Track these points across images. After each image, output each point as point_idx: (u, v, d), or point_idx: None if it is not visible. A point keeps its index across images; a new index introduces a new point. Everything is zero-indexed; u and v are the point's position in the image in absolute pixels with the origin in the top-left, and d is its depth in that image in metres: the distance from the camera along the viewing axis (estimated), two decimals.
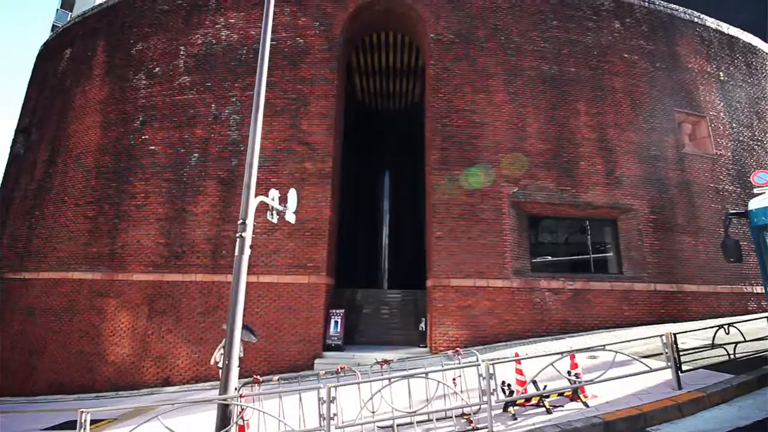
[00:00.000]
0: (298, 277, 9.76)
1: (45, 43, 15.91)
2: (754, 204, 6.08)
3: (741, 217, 6.51)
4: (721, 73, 13.52)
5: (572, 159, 10.99)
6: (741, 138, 13.04)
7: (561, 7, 12.35)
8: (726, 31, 14.31)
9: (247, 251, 5.58)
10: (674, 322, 9.90)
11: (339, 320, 9.59)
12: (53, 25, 32.29)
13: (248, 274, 5.98)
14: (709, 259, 11.02)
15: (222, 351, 5.31)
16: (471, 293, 9.62)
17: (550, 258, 11.08)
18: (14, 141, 14.77)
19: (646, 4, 13.29)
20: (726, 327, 6.62)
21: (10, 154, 14.77)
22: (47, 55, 15.27)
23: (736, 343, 6.36)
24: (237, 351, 5.16)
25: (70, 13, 32.22)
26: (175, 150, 10.99)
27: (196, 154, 10.87)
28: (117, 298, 10.08)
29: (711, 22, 14.09)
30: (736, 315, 10.29)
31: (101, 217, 10.95)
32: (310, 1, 11.84)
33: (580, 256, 11.20)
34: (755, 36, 15.44)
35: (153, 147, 11.18)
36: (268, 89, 6.54)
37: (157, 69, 11.94)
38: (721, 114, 12.93)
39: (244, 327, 5.74)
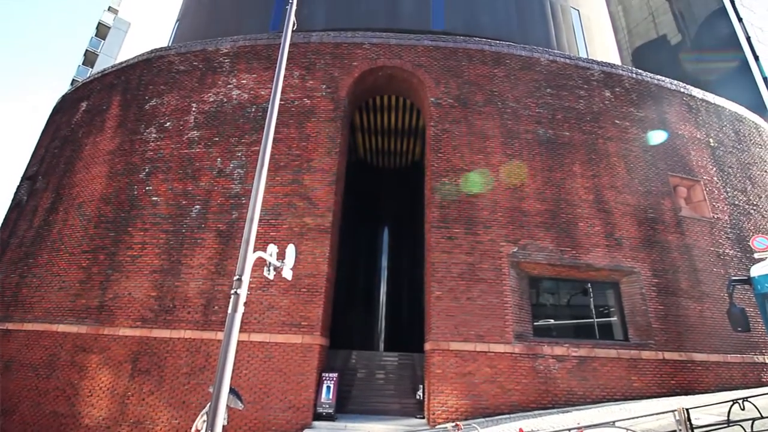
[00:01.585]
0: (291, 336, 9.39)
1: (63, 96, 16.60)
2: (756, 270, 6.00)
3: (744, 283, 6.39)
4: (711, 140, 13.99)
5: (571, 220, 11.04)
6: (737, 202, 13.19)
7: (553, 76, 13.04)
8: (712, 101, 15.01)
9: (241, 309, 5.39)
10: (685, 394, 9.39)
11: (331, 385, 9.06)
12: (73, 80, 34.01)
13: (240, 332, 5.74)
14: (716, 326, 10.70)
15: (205, 417, 4.95)
16: (471, 358, 9.20)
17: (552, 321, 10.76)
18: (18, 187, 14.93)
19: (634, 75, 14.06)
20: (741, 402, 6.24)
21: (12, 200, 14.86)
22: (63, 107, 15.88)
23: (753, 419, 5.96)
24: (222, 418, 4.81)
25: (90, 69, 34.08)
26: (177, 201, 11.06)
27: (197, 206, 10.92)
28: (100, 354, 9.62)
29: (697, 92, 14.82)
30: (749, 387, 9.79)
31: (95, 267, 10.77)
32: (318, 66, 12.52)
33: (583, 320, 10.88)
34: (740, 105, 16.18)
35: (155, 198, 11.27)
36: (274, 145, 6.72)
37: (168, 124, 12.35)
38: (715, 178, 13.19)
39: (231, 391, 5.40)
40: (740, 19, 26.63)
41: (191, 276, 10.10)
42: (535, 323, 10.29)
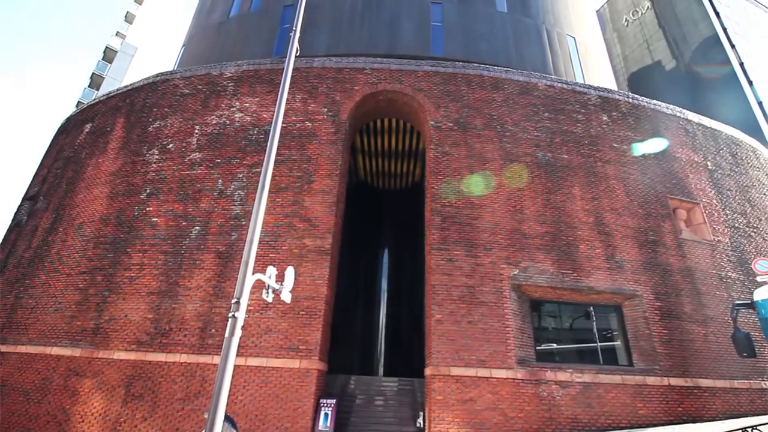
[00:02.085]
0: (288, 361, 9.20)
1: (67, 118, 16.82)
2: (759, 294, 5.96)
3: (748, 307, 6.33)
4: (709, 163, 14.10)
5: (571, 242, 11.00)
6: (737, 225, 13.18)
7: (551, 101, 13.24)
8: (708, 125, 15.20)
9: (238, 333, 5.32)
10: (693, 422, 9.14)
11: (329, 412, 8.83)
12: (78, 102, 34.56)
13: (236, 356, 5.63)
14: (721, 351, 10.51)
15: None
16: (473, 384, 8.99)
17: (555, 346, 10.58)
18: (19, 208, 14.95)
19: (630, 99, 14.28)
20: (750, 430, 6.09)
21: (12, 220, 14.86)
22: (68, 128, 16.07)
23: None
24: None
25: (96, 92, 34.68)
26: (177, 223, 11.05)
27: (197, 227, 10.91)
28: (93, 378, 9.42)
29: (693, 116, 15.03)
30: (757, 414, 9.55)
31: (92, 289, 10.67)
32: (320, 89, 12.74)
33: (586, 344, 10.70)
34: (736, 129, 16.37)
35: (155, 219, 11.26)
36: (275, 167, 6.77)
37: (171, 145, 12.46)
38: (714, 201, 13.22)
39: (226, 418, 5.26)
40: (733, 46, 27.26)
41: (189, 298, 9.99)
42: (538, 347, 10.11)
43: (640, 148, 13.14)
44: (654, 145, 13.33)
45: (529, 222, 11.04)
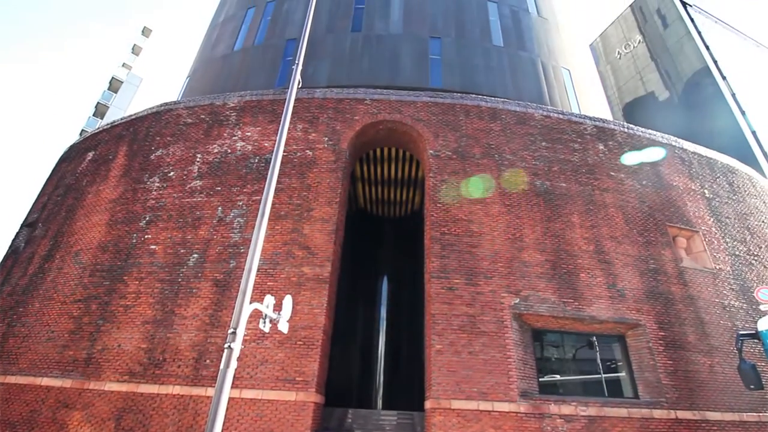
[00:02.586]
0: (284, 393, 8.95)
1: (71, 146, 17.04)
2: (763, 324, 5.88)
3: (753, 338, 6.22)
4: (706, 191, 14.20)
5: (572, 270, 10.93)
6: (737, 253, 13.14)
7: (548, 130, 13.48)
8: (703, 153, 15.40)
9: (234, 364, 5.21)
10: None
11: None
12: (82, 130, 35.14)
13: (231, 387, 5.48)
14: (728, 382, 10.25)
15: None
16: (474, 419, 8.71)
17: (558, 377, 10.33)
18: (17, 234, 14.92)
19: (626, 129, 14.53)
20: None
21: (9, 247, 14.80)
22: (70, 156, 16.25)
23: None
24: None
25: (100, 120, 35.32)
26: (176, 250, 11.01)
27: (195, 255, 10.85)
28: (83, 411, 9.12)
29: (688, 146, 15.25)
30: None
31: (86, 317, 10.50)
32: (321, 119, 12.98)
33: (590, 376, 10.45)
34: (731, 158, 16.58)
35: (154, 246, 11.22)
36: (275, 195, 6.80)
37: (172, 173, 12.57)
38: (713, 229, 13.23)
39: None
40: (724, 77, 27.99)
41: (184, 327, 9.82)
42: (541, 379, 9.87)
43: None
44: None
45: (528, 250, 11.01)
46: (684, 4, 31.48)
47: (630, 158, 13.44)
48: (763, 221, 14.80)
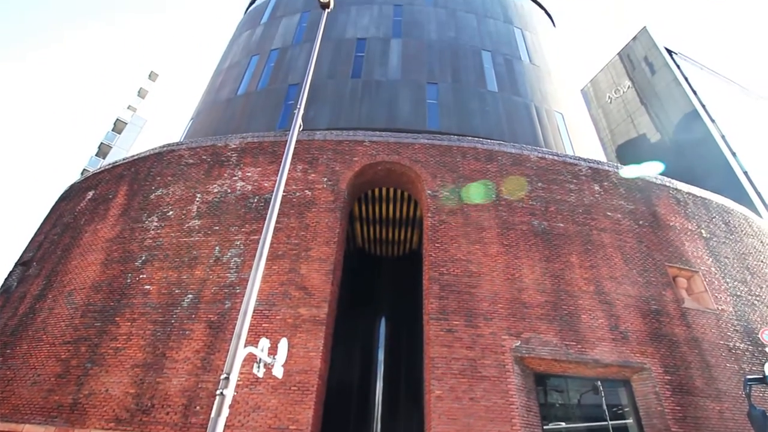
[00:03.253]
0: None
1: (71, 185, 17.21)
2: None
3: (761, 382, 6.04)
4: (703, 231, 14.26)
5: (573, 311, 10.77)
6: (739, 293, 13.01)
7: (543, 171, 13.72)
8: (698, 194, 15.60)
9: (225, 412, 5.00)
10: None
11: None
12: (84, 170, 35.62)
13: None
14: (739, 429, 9.84)
15: None
16: None
17: (563, 424, 9.91)
18: (10, 273, 14.74)
19: (620, 170, 14.81)
20: None
21: (1, 286, 14.57)
22: (70, 195, 16.36)
23: None
24: None
25: (102, 160, 35.88)
26: (170, 290, 10.85)
27: (190, 295, 10.69)
28: None
29: (682, 186, 15.47)
30: None
31: (74, 360, 10.18)
32: (321, 160, 13.23)
33: (596, 422, 10.02)
34: (726, 198, 16.79)
35: (148, 286, 11.07)
36: (273, 234, 6.81)
37: (171, 213, 12.63)
38: (713, 269, 13.17)
39: None
40: (713, 120, 28.88)
41: (174, 371, 9.50)
42: (545, 426, 9.46)
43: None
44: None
45: (528, 290, 10.89)
46: (669, 52, 33.04)
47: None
48: (762, 261, 14.77)
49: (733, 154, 27.33)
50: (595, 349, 10.25)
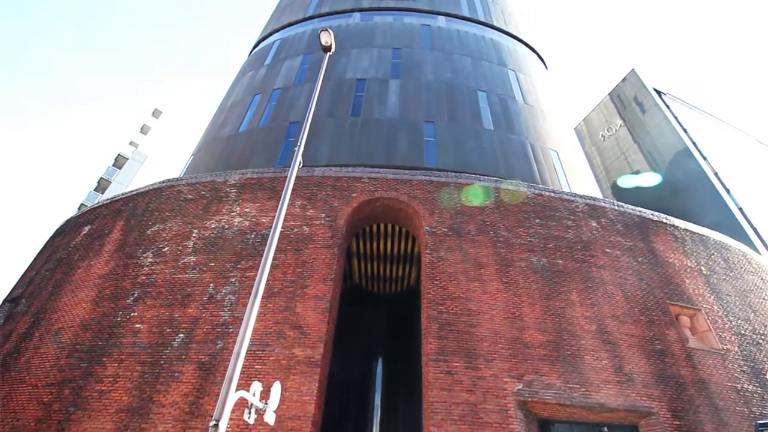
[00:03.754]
0: None
1: (67, 220, 17.11)
2: None
3: None
4: (702, 267, 14.16)
5: (575, 352, 10.46)
6: (743, 332, 12.75)
7: (540, 208, 13.78)
8: (695, 230, 15.61)
9: None
10: None
11: None
12: (81, 204, 35.61)
13: None
14: None
15: None
16: None
17: None
18: None
19: (616, 207, 14.89)
20: None
21: None
22: (65, 230, 16.23)
23: None
24: None
25: (100, 195, 35.95)
26: (161, 329, 10.54)
27: (181, 335, 10.36)
28: None
29: (679, 223, 15.51)
30: None
31: (56, 404, 9.70)
32: (319, 196, 13.27)
33: None
34: (723, 234, 16.80)
35: (139, 325, 10.76)
36: (269, 272, 6.66)
37: (166, 249, 12.49)
38: (715, 306, 12.97)
39: None
40: (705, 158, 29.44)
41: (161, 417, 9.04)
42: None
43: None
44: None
45: (529, 330, 10.63)
46: (658, 93, 34.16)
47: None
48: (764, 298, 14.58)
49: (727, 190, 27.67)
50: (600, 392, 9.88)
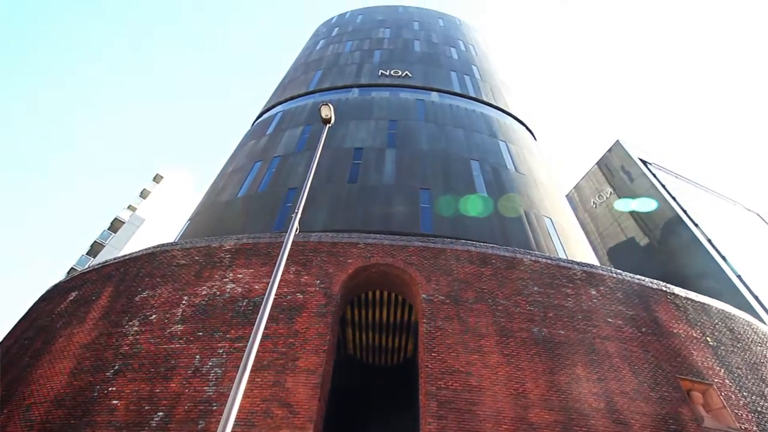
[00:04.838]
0: None
1: (54, 285, 16.65)
2: None
3: None
4: (708, 338, 13.70)
5: None
6: (759, 409, 12.01)
7: (538, 275, 13.62)
8: (696, 299, 15.34)
9: None
10: None
11: None
12: (71, 269, 34.98)
13: None
14: None
15: None
16: None
17: None
18: None
19: (614, 274, 14.75)
20: None
21: None
22: (51, 296, 15.71)
23: None
24: None
25: (92, 259, 35.48)
26: (139, 406, 9.78)
27: (160, 413, 9.60)
28: None
29: (679, 291, 15.28)
30: None
31: None
32: (314, 262, 13.11)
33: None
34: (725, 303, 16.49)
35: (116, 401, 10.00)
36: (259, 342, 6.29)
37: (153, 316, 12.03)
38: (727, 381, 12.35)
39: None
40: (696, 225, 29.87)
41: None
42: None
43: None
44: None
45: (535, 408, 9.96)
46: (644, 163, 35.54)
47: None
48: None
49: (723, 258, 27.74)
50: None
